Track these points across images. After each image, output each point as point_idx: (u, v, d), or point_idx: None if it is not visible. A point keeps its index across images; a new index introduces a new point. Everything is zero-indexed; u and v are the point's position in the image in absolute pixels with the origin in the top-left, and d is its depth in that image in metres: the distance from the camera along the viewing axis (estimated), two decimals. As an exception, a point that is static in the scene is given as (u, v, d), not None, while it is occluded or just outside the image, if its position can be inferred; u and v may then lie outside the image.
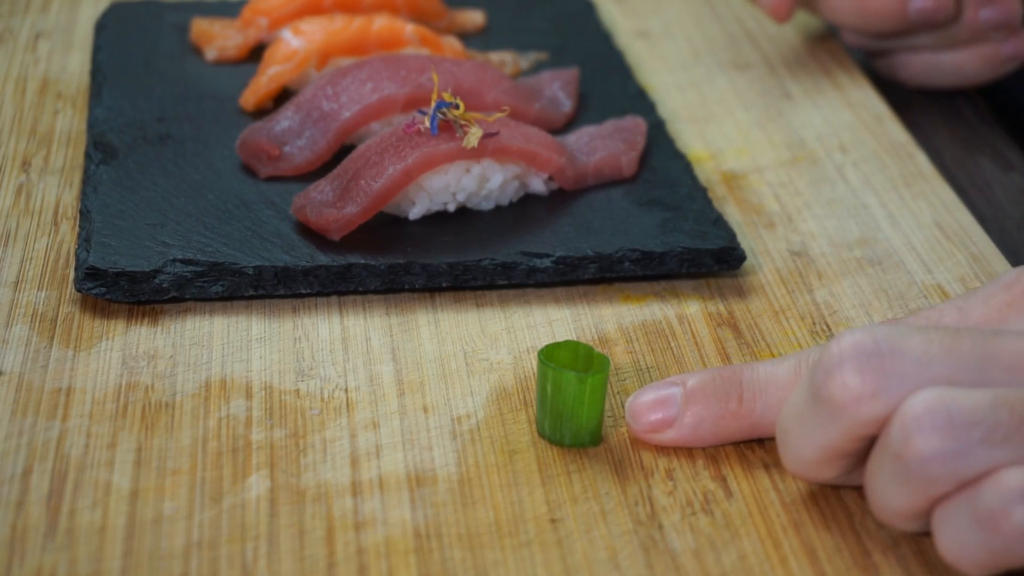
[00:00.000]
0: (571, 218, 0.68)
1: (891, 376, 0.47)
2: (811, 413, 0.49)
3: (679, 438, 0.55)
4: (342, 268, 0.64)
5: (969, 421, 0.46)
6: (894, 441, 0.47)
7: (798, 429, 0.50)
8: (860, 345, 0.48)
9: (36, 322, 0.62)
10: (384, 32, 0.78)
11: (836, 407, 0.48)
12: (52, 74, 0.83)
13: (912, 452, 0.46)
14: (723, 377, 0.54)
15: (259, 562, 0.50)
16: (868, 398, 0.47)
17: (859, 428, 0.48)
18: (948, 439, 0.46)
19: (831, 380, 0.48)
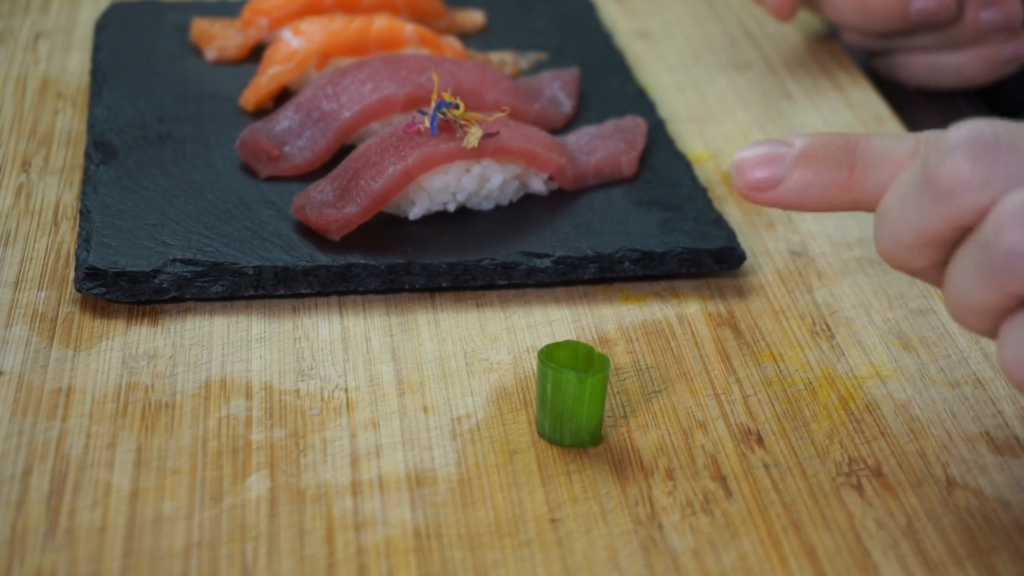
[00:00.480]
0: (571, 218, 0.68)
1: (1002, 169, 0.47)
2: (918, 194, 0.48)
3: (781, 199, 0.52)
4: (342, 268, 0.64)
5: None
6: (987, 231, 0.47)
7: (901, 209, 0.49)
8: (979, 135, 0.47)
9: (36, 322, 0.62)
10: (384, 32, 0.78)
11: (943, 191, 0.47)
12: (52, 74, 0.83)
13: (1001, 244, 0.46)
14: (837, 144, 0.52)
15: (259, 562, 0.50)
16: (976, 187, 0.47)
17: (961, 216, 0.48)
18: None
19: (943, 164, 0.47)
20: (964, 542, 0.52)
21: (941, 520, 0.53)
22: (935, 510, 0.53)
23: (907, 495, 0.54)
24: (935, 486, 0.54)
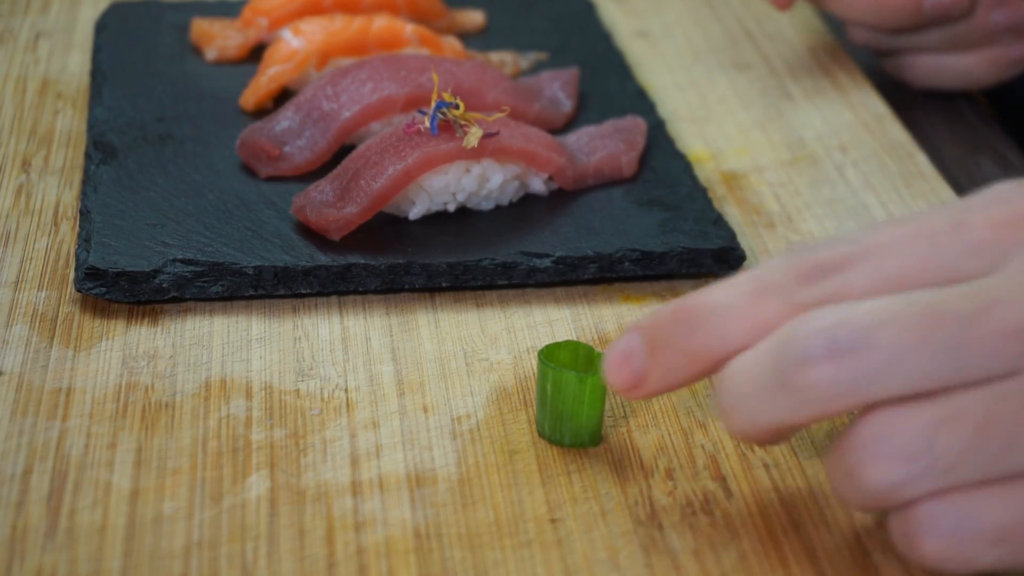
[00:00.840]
0: (571, 218, 0.68)
1: (864, 374, 0.45)
2: (775, 392, 0.46)
3: (655, 392, 0.50)
4: (342, 268, 0.64)
5: (913, 454, 0.44)
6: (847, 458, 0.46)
7: (756, 398, 0.46)
8: (834, 337, 0.45)
9: (36, 322, 0.62)
10: (384, 32, 0.78)
11: (806, 398, 0.45)
12: (52, 74, 0.83)
13: (861, 481, 0.45)
14: (675, 318, 0.48)
15: (259, 562, 0.50)
16: (841, 396, 0.45)
17: (826, 416, 0.46)
18: (894, 470, 0.45)
19: (802, 374, 0.45)
20: (964, 542, 0.52)
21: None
22: (935, 510, 0.53)
23: (907, 495, 0.54)
24: (935, 486, 0.54)
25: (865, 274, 0.46)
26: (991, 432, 0.44)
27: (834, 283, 0.46)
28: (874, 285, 0.46)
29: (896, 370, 0.44)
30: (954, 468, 0.44)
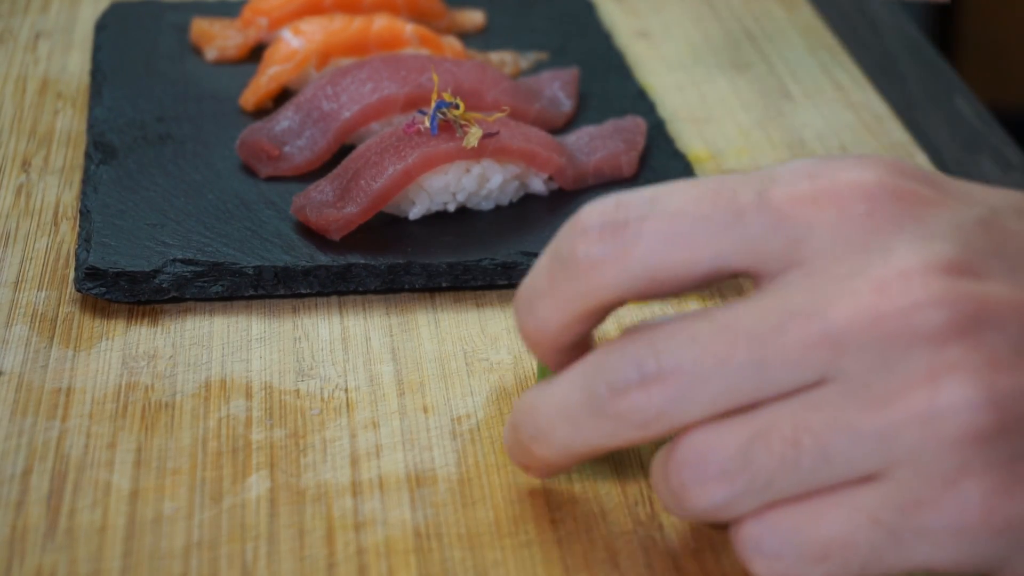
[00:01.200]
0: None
1: (672, 397, 0.45)
2: (591, 420, 0.46)
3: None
4: (342, 268, 0.64)
5: (731, 473, 0.44)
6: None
7: (570, 428, 0.47)
8: (640, 364, 0.45)
9: (36, 322, 0.62)
10: (384, 32, 0.78)
11: (622, 425, 0.46)
12: (52, 74, 0.83)
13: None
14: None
15: (259, 562, 0.50)
16: (656, 420, 0.45)
17: (645, 440, 0.46)
18: (716, 490, 0.45)
19: (615, 402, 0.45)
20: (964, 542, 0.52)
21: None
22: (935, 510, 0.53)
23: (907, 495, 0.54)
24: (935, 486, 0.54)
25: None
26: (803, 444, 0.43)
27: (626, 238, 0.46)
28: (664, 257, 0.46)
29: (703, 391, 0.44)
30: (772, 483, 0.44)
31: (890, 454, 0.43)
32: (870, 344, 0.43)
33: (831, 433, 0.43)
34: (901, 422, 0.43)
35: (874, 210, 0.45)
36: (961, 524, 0.43)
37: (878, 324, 0.43)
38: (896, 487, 0.43)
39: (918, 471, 0.43)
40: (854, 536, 0.44)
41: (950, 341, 0.43)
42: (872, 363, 0.43)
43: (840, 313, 0.43)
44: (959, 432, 0.43)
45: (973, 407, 0.43)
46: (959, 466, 0.43)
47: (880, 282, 0.44)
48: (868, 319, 0.43)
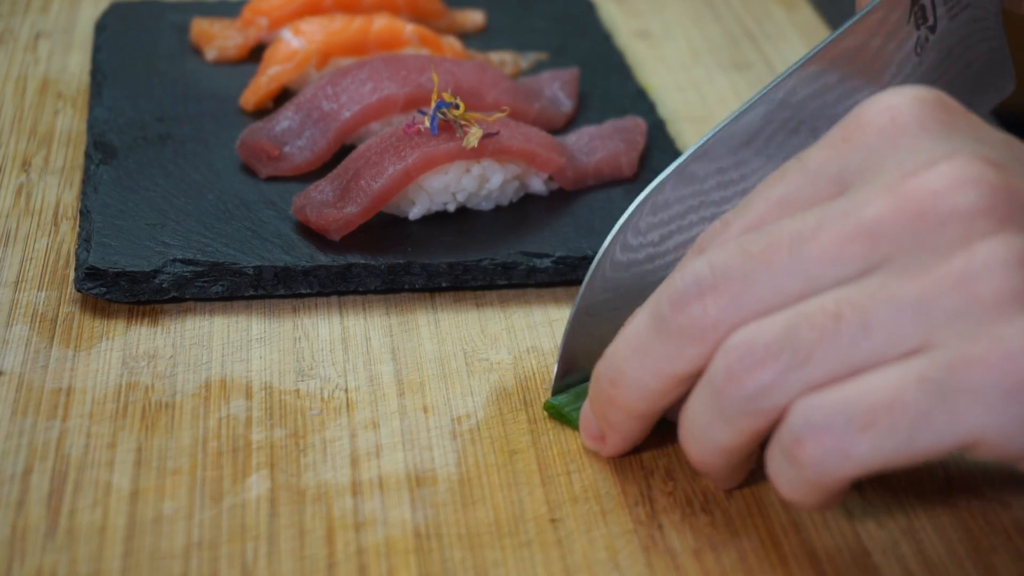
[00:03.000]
0: (571, 218, 0.68)
1: (727, 302, 0.48)
2: (657, 341, 0.49)
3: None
4: (342, 268, 0.64)
5: (775, 351, 0.46)
6: (716, 377, 0.48)
7: (640, 357, 0.50)
8: (696, 277, 0.48)
9: (36, 322, 0.62)
10: (384, 32, 0.78)
11: (685, 337, 0.48)
12: (52, 74, 0.83)
13: (735, 391, 0.47)
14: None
15: (259, 562, 0.50)
16: (714, 327, 0.48)
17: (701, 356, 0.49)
18: (762, 372, 0.47)
19: (678, 314, 0.48)
20: (964, 542, 0.52)
21: (941, 520, 0.53)
22: (935, 510, 0.53)
23: (907, 495, 0.54)
24: (935, 486, 0.54)
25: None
26: (843, 316, 0.46)
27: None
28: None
29: (751, 293, 0.47)
30: (814, 356, 0.46)
31: (931, 321, 0.45)
32: (905, 228, 0.46)
33: (871, 304, 0.45)
34: (939, 288, 0.45)
35: (898, 122, 0.48)
36: (1010, 382, 0.44)
37: (911, 208, 0.46)
38: (942, 350, 0.44)
39: (961, 332, 0.44)
40: (902, 396, 0.44)
41: (981, 216, 0.45)
42: (909, 244, 0.45)
43: (874, 206, 0.46)
44: (996, 289, 0.44)
45: (1008, 265, 0.44)
46: (1002, 322, 0.44)
47: (911, 172, 0.46)
48: (901, 206, 0.46)
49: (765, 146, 0.57)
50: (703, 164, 0.57)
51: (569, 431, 0.56)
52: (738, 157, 0.57)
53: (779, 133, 0.57)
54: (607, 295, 0.57)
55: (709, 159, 0.57)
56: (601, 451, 0.55)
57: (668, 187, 0.56)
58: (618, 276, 0.57)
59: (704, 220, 0.57)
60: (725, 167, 0.57)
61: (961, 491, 0.54)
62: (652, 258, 0.57)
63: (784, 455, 0.46)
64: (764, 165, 0.58)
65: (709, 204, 0.57)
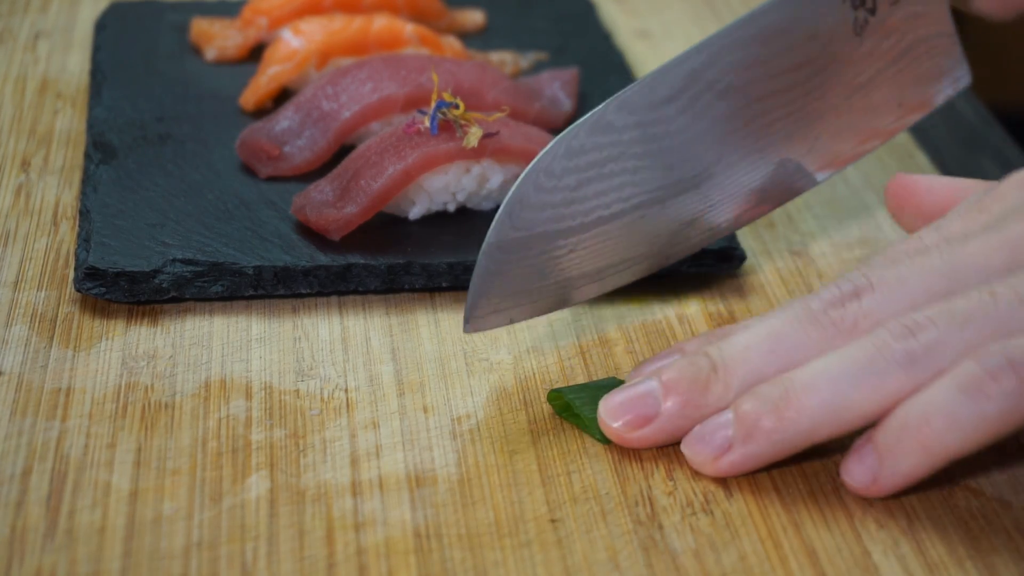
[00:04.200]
0: (571, 218, 0.68)
1: (881, 300, 0.53)
2: (797, 333, 0.53)
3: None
4: (342, 268, 0.64)
5: (934, 320, 0.51)
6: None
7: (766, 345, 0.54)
8: (853, 282, 0.53)
9: (36, 322, 0.62)
10: (384, 32, 0.78)
11: (837, 331, 0.53)
12: (52, 74, 0.83)
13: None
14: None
15: (259, 562, 0.50)
16: (865, 319, 0.52)
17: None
18: (924, 333, 0.51)
19: (832, 311, 0.53)
20: (964, 542, 0.52)
21: (941, 520, 0.53)
22: (935, 510, 0.53)
23: (907, 495, 0.54)
24: (935, 486, 0.54)
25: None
26: (999, 296, 0.51)
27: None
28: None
29: (904, 291, 0.52)
30: (973, 322, 0.51)
31: None
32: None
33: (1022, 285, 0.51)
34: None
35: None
36: None
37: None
38: None
39: None
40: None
41: None
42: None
43: (1017, 226, 0.53)
44: None
45: None
46: None
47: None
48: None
49: (690, 105, 0.59)
50: (622, 115, 0.58)
51: (569, 431, 0.56)
52: (660, 113, 0.58)
53: (705, 94, 0.59)
54: (519, 234, 0.57)
55: (628, 111, 0.58)
56: (626, 435, 0.54)
57: (583, 133, 0.57)
58: (531, 216, 0.57)
59: (625, 171, 0.59)
60: (645, 121, 0.58)
61: (961, 491, 0.54)
62: (569, 202, 0.58)
63: (967, 392, 0.50)
64: (690, 125, 0.59)
65: (629, 156, 0.58)
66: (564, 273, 0.58)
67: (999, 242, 0.53)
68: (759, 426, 0.52)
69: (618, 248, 0.59)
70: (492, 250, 0.57)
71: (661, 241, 0.61)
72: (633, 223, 0.59)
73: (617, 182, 0.58)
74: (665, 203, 0.60)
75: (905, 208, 0.61)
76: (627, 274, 0.61)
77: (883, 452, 0.52)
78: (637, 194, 0.59)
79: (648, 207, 0.59)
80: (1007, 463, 0.56)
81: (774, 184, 0.62)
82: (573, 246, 0.58)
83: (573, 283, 0.59)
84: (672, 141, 0.59)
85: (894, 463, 0.51)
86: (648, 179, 0.59)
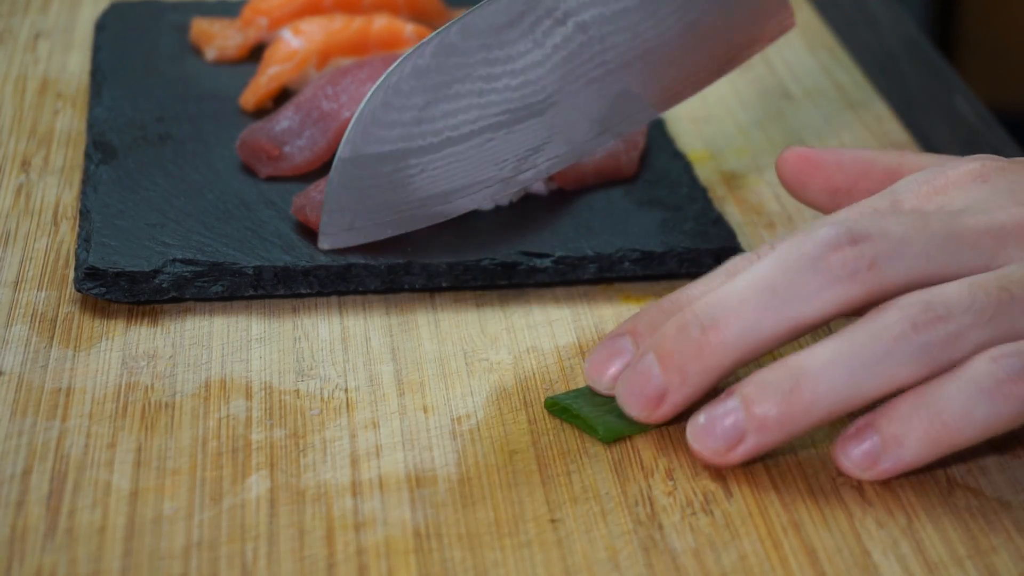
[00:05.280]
0: (571, 218, 0.68)
1: (880, 253, 0.51)
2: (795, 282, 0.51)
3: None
4: (342, 268, 0.64)
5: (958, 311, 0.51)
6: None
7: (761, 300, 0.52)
8: (851, 227, 0.51)
9: (36, 322, 0.62)
10: (384, 32, 0.78)
11: (831, 278, 0.51)
12: (52, 74, 0.83)
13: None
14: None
15: (259, 562, 0.50)
16: (861, 273, 0.51)
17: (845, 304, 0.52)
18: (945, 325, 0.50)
19: (828, 256, 0.51)
20: (964, 542, 0.52)
21: (941, 520, 0.53)
22: (935, 510, 0.53)
23: (907, 495, 0.54)
24: (935, 486, 0.54)
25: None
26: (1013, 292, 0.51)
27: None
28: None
29: (906, 251, 0.51)
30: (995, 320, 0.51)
31: None
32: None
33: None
34: None
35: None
36: None
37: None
38: None
39: None
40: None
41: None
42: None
43: (1002, 215, 0.53)
44: None
45: None
46: None
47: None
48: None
49: (531, 31, 0.60)
50: (464, 39, 0.59)
51: (569, 431, 0.56)
52: (502, 37, 0.59)
53: (544, 20, 0.60)
54: (371, 149, 0.58)
55: (471, 34, 0.59)
56: (651, 416, 0.54)
57: (428, 53, 0.59)
58: (382, 134, 0.59)
59: (472, 94, 0.60)
60: (489, 44, 0.60)
61: (961, 491, 0.54)
62: (418, 121, 0.59)
63: (986, 392, 0.50)
64: (531, 50, 0.60)
65: (476, 79, 0.60)
66: (416, 193, 0.60)
67: (986, 226, 0.53)
68: (770, 417, 0.51)
69: (468, 171, 0.61)
70: (345, 165, 0.58)
71: (509, 166, 0.62)
72: (481, 145, 0.60)
73: (464, 103, 0.60)
74: (512, 127, 0.60)
75: (810, 185, 0.60)
76: (476, 198, 0.62)
77: (888, 439, 0.51)
78: (483, 116, 0.60)
79: (494, 131, 0.60)
80: (1007, 463, 0.56)
81: (614, 114, 0.63)
82: (424, 166, 0.60)
83: (425, 203, 0.61)
84: (514, 65, 0.60)
85: (898, 451, 0.51)
86: (493, 102, 0.60)
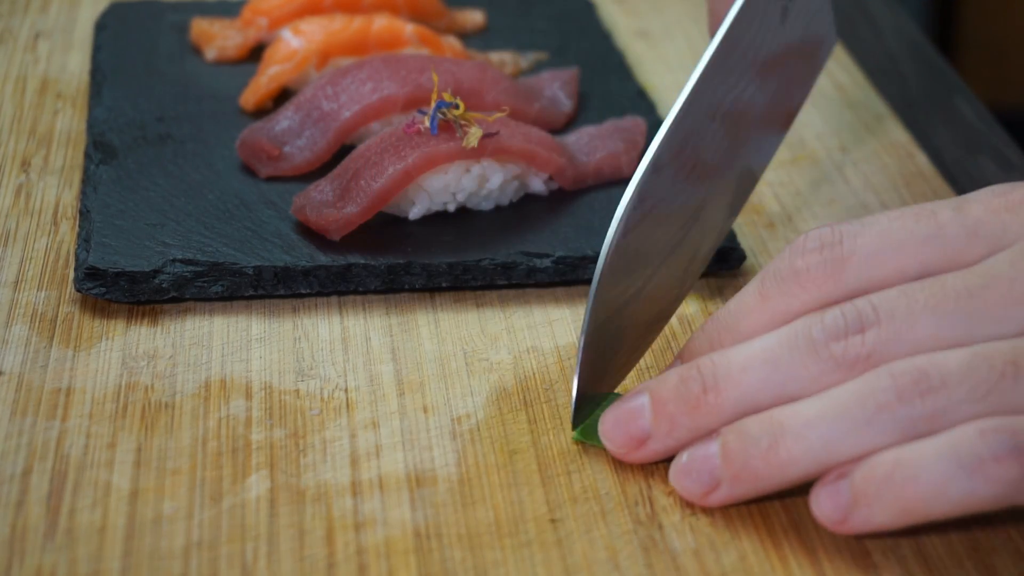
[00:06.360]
0: (571, 218, 0.68)
1: (886, 338, 0.50)
2: (796, 364, 0.51)
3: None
4: (342, 268, 0.64)
5: (953, 383, 0.48)
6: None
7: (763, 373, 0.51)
8: (859, 314, 0.50)
9: (36, 322, 0.62)
10: (384, 32, 0.78)
11: (837, 365, 0.50)
12: (52, 74, 0.83)
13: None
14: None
15: (259, 562, 0.50)
16: (868, 358, 0.50)
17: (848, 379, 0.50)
18: (935, 398, 0.49)
19: (833, 345, 0.50)
20: (964, 542, 0.52)
21: (941, 520, 0.53)
22: (935, 510, 0.53)
23: (907, 495, 0.54)
24: (935, 486, 0.54)
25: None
26: (1021, 365, 0.48)
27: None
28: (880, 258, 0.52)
29: (912, 332, 0.49)
30: (991, 395, 0.48)
31: None
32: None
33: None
34: None
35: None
36: None
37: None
38: None
39: None
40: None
41: None
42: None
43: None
44: None
45: None
46: None
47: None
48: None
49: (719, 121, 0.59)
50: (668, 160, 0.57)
51: (569, 431, 0.56)
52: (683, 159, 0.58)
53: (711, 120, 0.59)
54: (618, 300, 0.56)
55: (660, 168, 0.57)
56: (628, 454, 0.53)
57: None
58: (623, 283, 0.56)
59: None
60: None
61: (961, 491, 0.54)
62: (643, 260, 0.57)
63: (965, 468, 0.47)
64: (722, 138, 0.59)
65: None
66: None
67: (1021, 295, 0.49)
68: (747, 468, 0.51)
69: None
70: (593, 328, 0.54)
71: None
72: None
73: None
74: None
75: None
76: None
77: (859, 496, 0.49)
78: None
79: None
80: (1007, 463, 0.55)
81: (742, 187, 0.62)
82: None
83: None
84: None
85: (869, 511, 0.49)
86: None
